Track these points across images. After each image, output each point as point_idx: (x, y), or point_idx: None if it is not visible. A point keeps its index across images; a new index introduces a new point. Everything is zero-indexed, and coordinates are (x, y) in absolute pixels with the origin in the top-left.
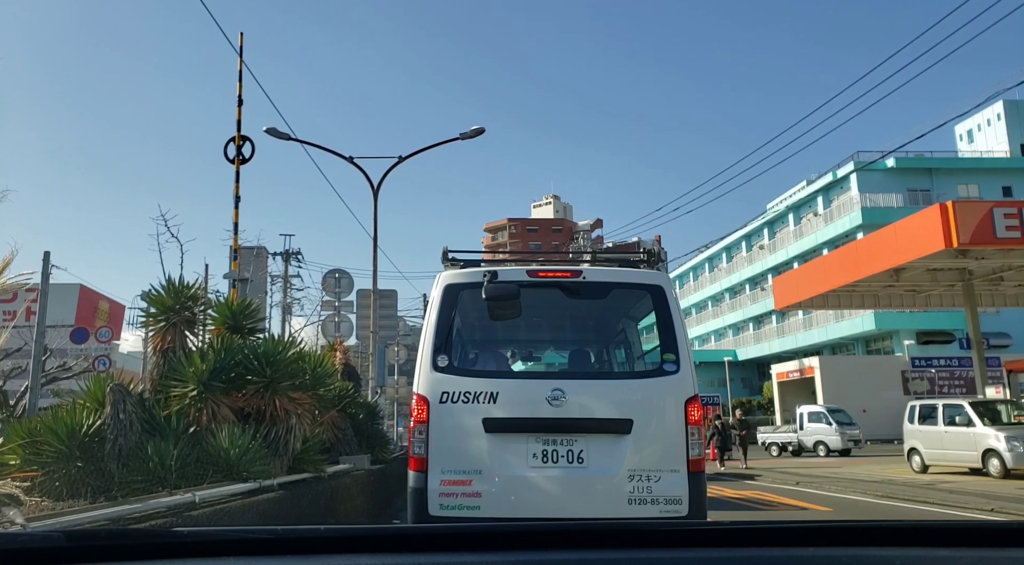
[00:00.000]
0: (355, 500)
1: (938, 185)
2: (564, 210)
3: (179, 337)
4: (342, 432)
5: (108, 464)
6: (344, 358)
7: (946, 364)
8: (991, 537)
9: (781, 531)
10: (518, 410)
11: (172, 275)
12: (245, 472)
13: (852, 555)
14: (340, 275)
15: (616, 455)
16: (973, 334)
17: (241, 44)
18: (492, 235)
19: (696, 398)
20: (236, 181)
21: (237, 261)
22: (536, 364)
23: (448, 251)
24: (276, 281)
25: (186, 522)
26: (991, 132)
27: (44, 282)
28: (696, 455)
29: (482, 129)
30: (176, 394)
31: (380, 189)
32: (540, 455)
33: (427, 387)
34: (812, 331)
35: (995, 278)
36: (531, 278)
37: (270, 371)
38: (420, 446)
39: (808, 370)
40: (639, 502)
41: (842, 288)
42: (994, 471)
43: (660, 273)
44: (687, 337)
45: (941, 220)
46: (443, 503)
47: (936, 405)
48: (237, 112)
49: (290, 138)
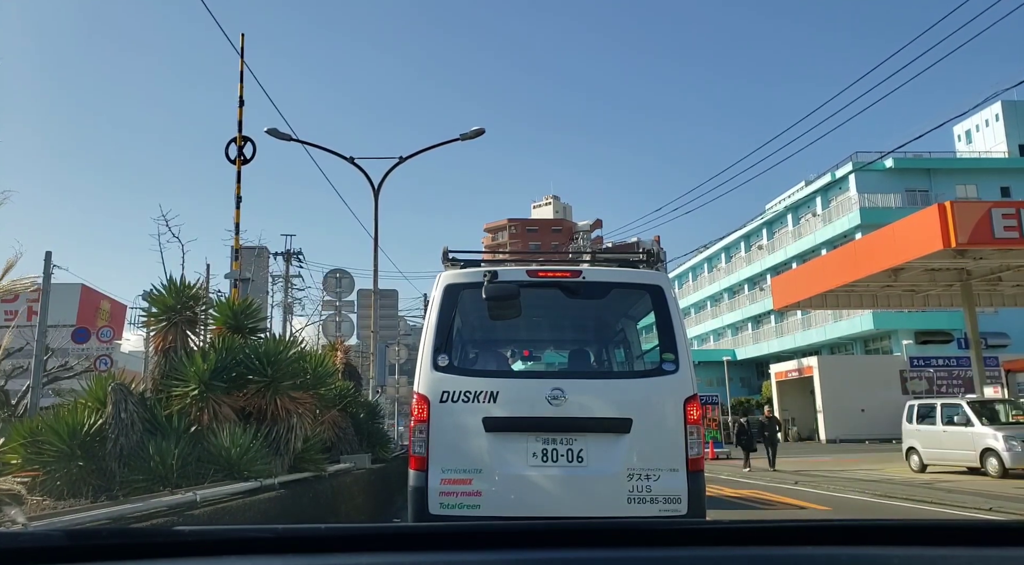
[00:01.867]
0: (356, 499)
1: (936, 185)
2: (564, 210)
3: (180, 337)
4: (343, 431)
5: (109, 463)
6: (345, 358)
7: (944, 364)
8: (989, 536)
9: (781, 530)
10: (518, 409)
11: (173, 275)
12: (246, 471)
13: (852, 554)
14: (341, 275)
15: (615, 454)
16: (971, 334)
17: (242, 45)
18: (492, 235)
19: (695, 397)
20: (237, 181)
21: (238, 261)
22: (536, 364)
23: (448, 251)
24: (277, 281)
25: (187, 521)
26: (989, 132)
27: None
28: (695, 454)
29: (482, 130)
30: (177, 393)
31: (381, 189)
32: (540, 454)
33: (427, 386)
34: (811, 331)
35: (993, 278)
36: (531, 278)
37: (271, 371)
38: (420, 445)
39: (807, 370)
40: (638, 501)
41: (841, 288)
42: (992, 470)
43: (659, 273)
44: (686, 337)
45: (939, 220)
46: (443, 502)
47: (934, 405)
48: (238, 112)
49: (291, 139)
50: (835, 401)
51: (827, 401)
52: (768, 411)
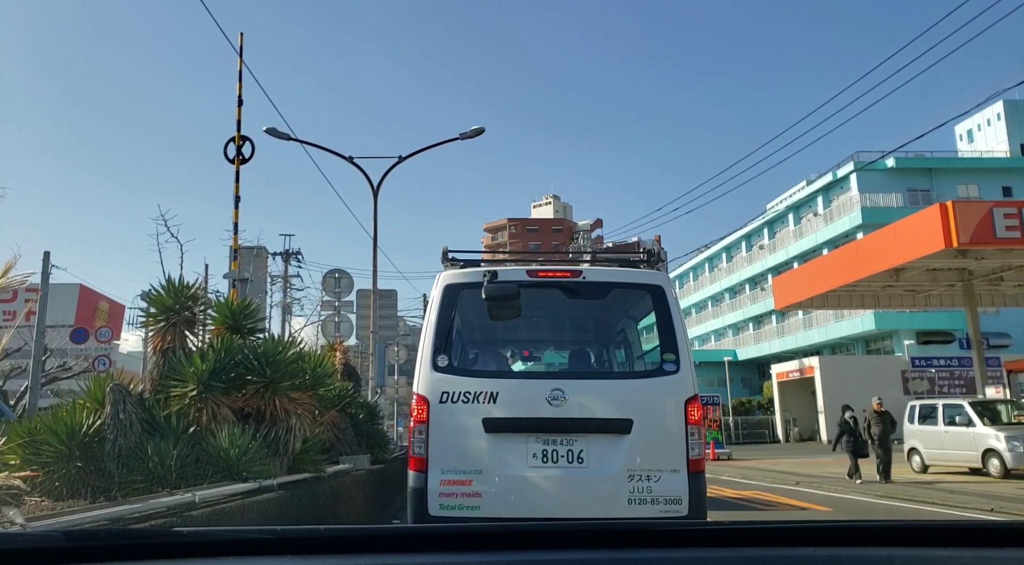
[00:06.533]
0: (355, 500)
1: (938, 185)
2: (564, 210)
3: (179, 337)
4: (342, 432)
5: (108, 464)
6: (344, 358)
7: (946, 364)
8: (991, 537)
9: (781, 531)
10: (518, 410)
11: (172, 275)
12: (245, 472)
13: (852, 555)
14: (340, 275)
15: (616, 455)
16: (973, 334)
17: (241, 44)
18: (492, 235)
19: (696, 398)
20: (236, 181)
21: (237, 261)
22: (536, 364)
23: (448, 251)
24: (276, 281)
25: (186, 522)
26: (991, 132)
27: (44, 282)
28: (696, 455)
29: (482, 129)
30: (176, 394)
31: (380, 189)
32: (540, 455)
33: (427, 387)
34: (812, 331)
35: (995, 278)
36: (531, 278)
37: (270, 371)
38: (420, 446)
39: (808, 370)
40: (639, 502)
41: (842, 288)
42: (994, 471)
43: (660, 273)
44: (687, 337)
45: (941, 220)
46: (443, 503)
47: (936, 405)
48: (237, 112)
49: (290, 138)
50: (836, 401)
51: (828, 402)
52: (878, 403)
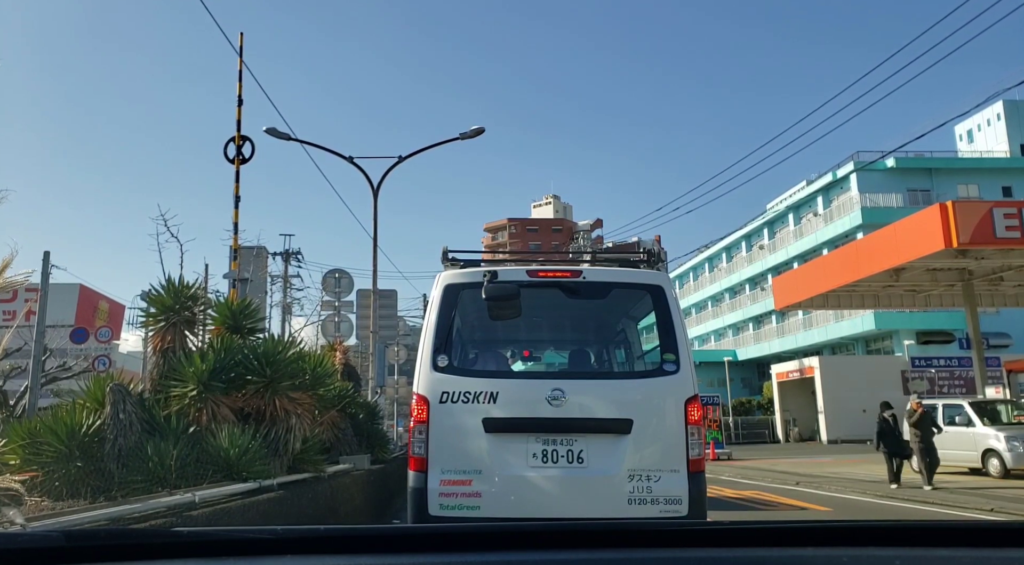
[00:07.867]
0: (355, 500)
1: (938, 185)
2: (564, 210)
3: (179, 337)
4: (342, 432)
5: (108, 464)
6: (344, 358)
7: (946, 364)
8: (990, 537)
9: (781, 531)
10: (518, 410)
11: (172, 275)
12: (245, 472)
13: (852, 555)
14: (340, 275)
15: (616, 455)
16: (973, 334)
17: (241, 44)
18: (492, 235)
19: (696, 398)
20: (236, 181)
21: (237, 261)
22: (536, 364)
23: (448, 251)
24: (276, 281)
25: (186, 522)
26: (991, 132)
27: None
28: (696, 455)
29: (482, 129)
30: (176, 394)
31: (380, 189)
32: (540, 455)
33: (427, 387)
34: (812, 331)
35: (995, 278)
36: (531, 278)
37: (270, 371)
38: (420, 446)
39: (808, 370)
40: (639, 502)
41: (842, 288)
42: (994, 471)
43: (660, 273)
44: (687, 337)
45: (941, 220)
46: (443, 503)
47: (936, 405)
48: (237, 112)
49: (290, 138)
50: (836, 401)
51: (828, 401)
52: (917, 402)
